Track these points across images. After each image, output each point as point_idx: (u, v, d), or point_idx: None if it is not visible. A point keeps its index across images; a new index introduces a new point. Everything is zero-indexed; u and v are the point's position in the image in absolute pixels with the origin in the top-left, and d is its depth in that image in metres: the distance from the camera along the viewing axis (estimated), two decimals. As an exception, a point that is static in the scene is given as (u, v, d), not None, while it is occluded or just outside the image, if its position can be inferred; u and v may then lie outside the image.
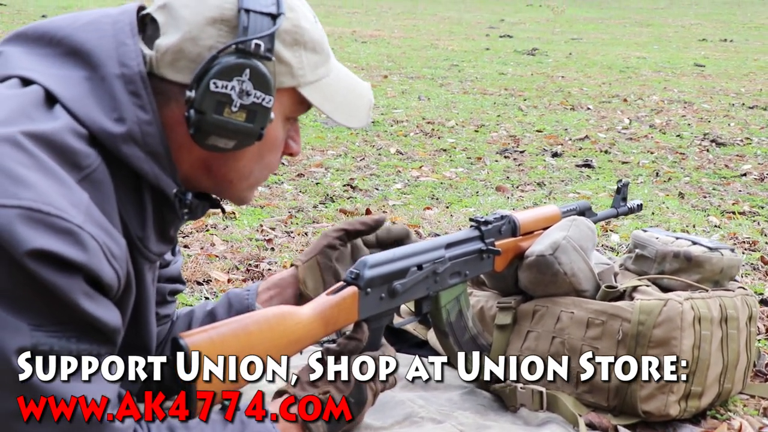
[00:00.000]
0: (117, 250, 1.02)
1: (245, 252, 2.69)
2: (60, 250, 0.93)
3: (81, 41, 1.07)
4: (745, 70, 9.32)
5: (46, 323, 0.96)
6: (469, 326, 1.65)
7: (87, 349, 1.00)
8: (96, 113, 1.04)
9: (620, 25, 16.58)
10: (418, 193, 3.71)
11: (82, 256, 0.95)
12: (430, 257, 1.51)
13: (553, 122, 5.78)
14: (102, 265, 0.99)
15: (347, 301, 1.37)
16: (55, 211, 0.94)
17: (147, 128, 1.06)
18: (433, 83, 7.69)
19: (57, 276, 0.94)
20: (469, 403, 1.60)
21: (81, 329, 0.99)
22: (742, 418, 1.61)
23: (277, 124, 1.15)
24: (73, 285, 0.96)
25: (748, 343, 1.68)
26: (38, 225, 0.93)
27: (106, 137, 1.04)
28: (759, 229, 3.18)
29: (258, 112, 1.09)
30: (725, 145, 5.01)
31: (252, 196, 1.24)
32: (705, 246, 1.70)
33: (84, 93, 1.04)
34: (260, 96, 1.08)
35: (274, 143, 1.17)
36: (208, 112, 1.06)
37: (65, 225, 0.94)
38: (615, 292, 1.63)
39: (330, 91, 1.18)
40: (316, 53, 1.15)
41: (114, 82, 1.05)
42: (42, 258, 0.92)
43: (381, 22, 15.41)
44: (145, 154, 1.07)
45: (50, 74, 1.06)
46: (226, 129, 1.08)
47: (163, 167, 1.09)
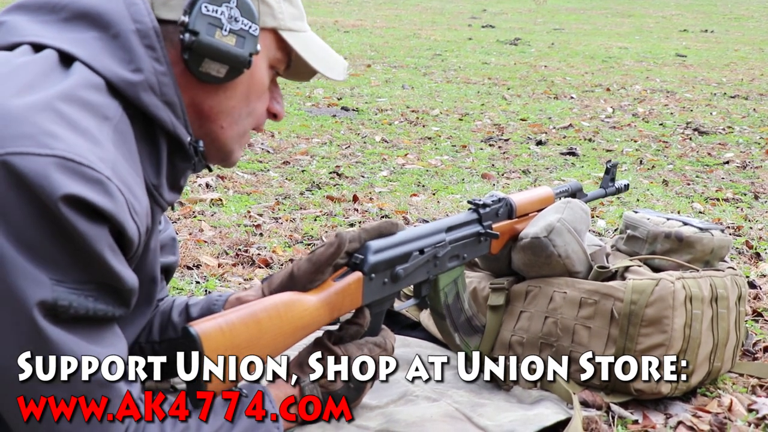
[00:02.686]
0: (139, 207, 1.04)
1: (234, 237, 2.68)
2: (92, 198, 0.95)
3: (87, 5, 1.09)
4: (726, 61, 9.39)
5: (67, 279, 0.97)
6: (465, 308, 1.66)
7: (103, 310, 1.01)
8: (114, 66, 1.07)
9: (602, 15, 16.63)
10: (404, 180, 3.71)
11: (110, 205, 0.98)
12: (432, 241, 1.51)
13: (536, 111, 5.80)
14: (127, 218, 1.01)
15: (352, 287, 1.38)
16: (86, 162, 0.96)
17: (163, 78, 1.10)
18: (416, 72, 7.69)
19: (86, 224, 0.96)
20: (463, 381, 1.61)
21: (100, 288, 1.00)
22: (731, 396, 1.64)
23: (261, 65, 1.20)
24: (100, 235, 0.98)
25: (738, 322, 1.70)
26: (71, 173, 0.95)
27: (126, 86, 1.07)
28: (743, 214, 3.21)
29: (246, 38, 1.14)
30: (708, 134, 5.05)
31: (239, 154, 1.27)
32: (696, 226, 1.72)
33: (98, 50, 1.07)
34: (247, 23, 1.14)
35: (261, 87, 1.22)
36: (202, 33, 1.11)
37: (96, 175, 0.97)
38: (607, 272, 1.65)
39: (309, 44, 1.24)
40: (293, 6, 1.22)
41: (130, 37, 1.08)
42: (75, 204, 0.94)
43: (363, 12, 15.37)
44: (162, 103, 1.11)
45: (61, 38, 1.08)
46: (218, 52, 1.12)
47: (178, 116, 1.14)
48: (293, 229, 2.83)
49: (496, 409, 1.51)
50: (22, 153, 0.93)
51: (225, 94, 1.19)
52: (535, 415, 1.48)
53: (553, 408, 1.51)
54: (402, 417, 1.44)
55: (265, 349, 1.23)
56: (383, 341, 1.43)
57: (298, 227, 2.85)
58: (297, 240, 2.71)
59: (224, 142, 1.23)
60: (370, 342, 1.41)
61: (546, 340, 1.64)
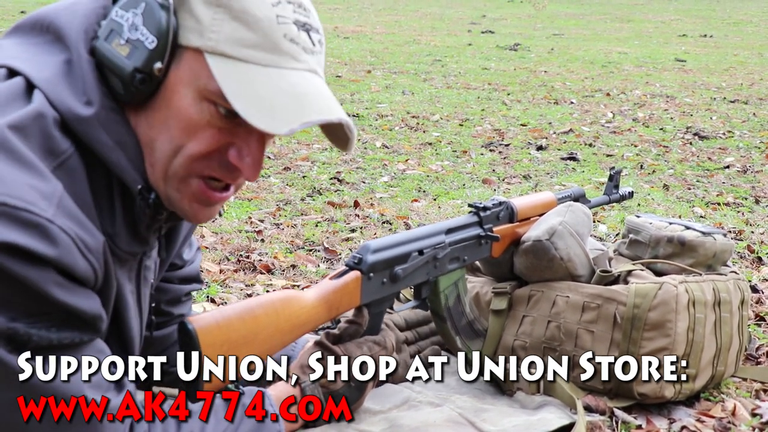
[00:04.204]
0: (92, 241, 0.99)
1: (235, 243, 2.68)
2: (28, 244, 0.91)
3: (59, 25, 1.05)
4: (725, 65, 9.39)
5: (20, 316, 0.94)
6: (467, 311, 1.66)
7: (68, 337, 0.98)
8: (67, 96, 1.01)
9: (601, 20, 16.64)
10: (405, 186, 3.71)
11: (51, 250, 0.94)
12: (431, 242, 1.52)
13: (537, 116, 5.80)
14: (75, 259, 0.96)
15: (350, 286, 1.38)
16: (23, 205, 0.92)
17: (113, 114, 1.03)
18: (416, 78, 7.69)
19: (27, 269, 0.92)
20: (466, 387, 1.61)
21: (59, 318, 0.98)
22: (735, 400, 1.63)
23: (184, 91, 1.02)
24: (44, 277, 0.94)
25: (741, 326, 1.70)
26: (5, 219, 0.91)
27: (76, 121, 1.01)
28: (744, 219, 3.21)
29: (138, 50, 1.00)
30: (708, 138, 5.05)
31: (191, 209, 1.09)
32: (698, 231, 1.72)
33: (58, 76, 1.02)
34: (145, 34, 1.00)
35: (184, 116, 1.02)
36: (100, 38, 1.03)
37: (34, 219, 0.92)
38: (610, 276, 1.64)
39: (249, 78, 1.01)
40: (248, 29, 1.01)
41: (84, 64, 1.03)
42: (10, 251, 0.91)
43: (363, 18, 15.39)
44: (113, 142, 1.03)
45: (33, 60, 1.03)
46: (108, 61, 1.02)
47: (129, 159, 1.05)
48: (294, 234, 2.83)
49: (499, 414, 1.51)
50: None
51: (147, 121, 1.05)
52: (538, 420, 1.48)
53: (556, 413, 1.51)
54: (405, 422, 1.43)
55: (263, 346, 1.23)
56: (383, 340, 1.43)
57: (299, 233, 2.85)
58: (298, 246, 2.71)
59: (155, 184, 1.07)
60: (369, 340, 1.42)
61: (549, 345, 1.64)
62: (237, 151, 1.06)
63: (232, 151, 1.06)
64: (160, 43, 1.00)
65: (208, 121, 1.03)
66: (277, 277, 2.40)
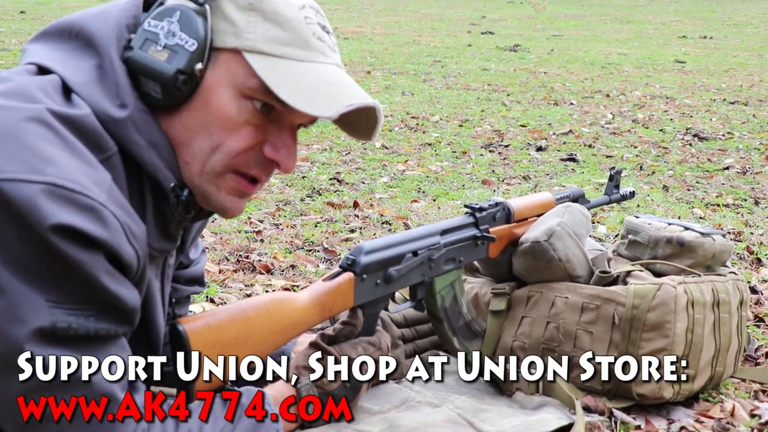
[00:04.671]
0: (137, 229, 1.03)
1: (235, 243, 2.68)
2: (82, 226, 0.94)
3: (91, 31, 1.08)
4: (725, 67, 9.40)
5: (65, 300, 0.96)
6: (464, 312, 1.66)
7: (105, 328, 1.01)
8: (101, 99, 1.04)
9: (601, 22, 16.66)
10: (405, 187, 3.71)
11: (103, 233, 0.96)
12: (426, 243, 1.52)
13: (536, 117, 5.80)
14: (123, 244, 0.99)
15: (343, 287, 1.38)
16: (78, 188, 0.95)
17: (146, 116, 1.07)
18: (416, 79, 7.70)
19: (79, 252, 0.95)
20: (465, 387, 1.61)
21: (100, 307, 1.00)
22: (734, 401, 1.63)
23: (221, 90, 1.07)
24: (95, 261, 0.96)
25: (740, 327, 1.70)
26: (62, 200, 0.93)
27: (111, 123, 1.04)
28: (743, 220, 3.21)
29: (178, 53, 1.05)
30: (707, 140, 5.05)
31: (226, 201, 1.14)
32: (697, 231, 1.72)
33: (92, 80, 1.05)
34: (184, 38, 1.05)
35: (223, 115, 1.08)
36: (135, 48, 1.06)
37: (88, 202, 0.95)
38: (609, 277, 1.64)
39: (289, 71, 1.08)
40: (281, 29, 1.08)
41: (117, 69, 1.06)
42: (65, 233, 0.93)
43: (362, 19, 15.39)
44: (146, 142, 1.07)
45: (66, 63, 1.07)
46: (146, 67, 1.05)
47: (162, 158, 1.08)
48: (294, 235, 2.83)
49: (498, 414, 1.51)
50: (13, 179, 0.92)
51: (182, 123, 1.09)
52: (537, 420, 1.48)
53: (555, 413, 1.51)
54: (404, 422, 1.43)
55: (255, 347, 1.23)
56: (378, 341, 1.44)
57: (298, 233, 2.85)
58: (298, 246, 2.71)
59: (191, 180, 1.11)
60: (364, 341, 1.42)
61: (548, 345, 1.64)
62: (272, 145, 1.12)
63: (267, 147, 1.12)
64: (200, 45, 1.06)
65: (246, 119, 1.09)
66: (277, 277, 2.40)
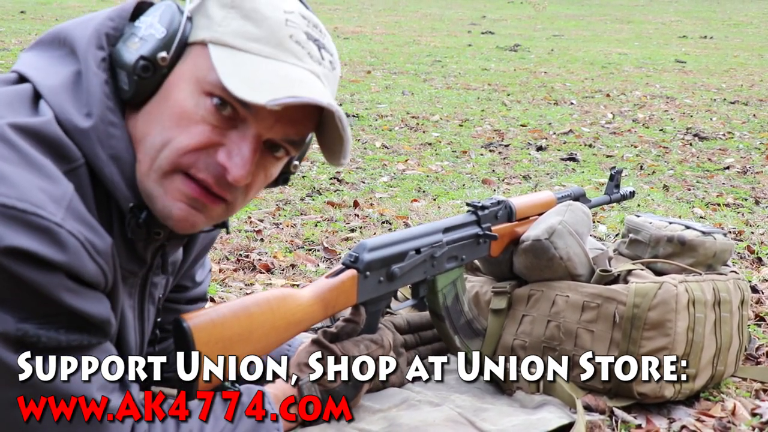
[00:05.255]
0: (101, 244, 0.99)
1: (235, 243, 2.68)
2: (36, 249, 0.91)
3: (73, 38, 1.06)
4: (725, 66, 9.39)
5: (31, 316, 0.94)
6: (465, 310, 1.65)
7: (76, 339, 0.98)
8: (69, 106, 1.01)
9: (601, 22, 16.65)
10: (405, 186, 3.71)
11: (59, 255, 0.93)
12: (428, 241, 1.52)
13: (536, 117, 5.80)
14: (83, 263, 0.96)
15: (346, 284, 1.38)
16: (31, 209, 0.91)
17: (111, 128, 1.02)
18: (416, 78, 7.69)
19: (35, 273, 0.92)
20: (466, 386, 1.61)
21: (68, 321, 0.97)
22: (735, 400, 1.63)
23: (183, 84, 1.03)
24: (54, 281, 0.94)
25: (741, 326, 1.70)
26: (14, 223, 0.90)
27: (75, 132, 1.00)
28: (744, 219, 3.21)
29: (147, 41, 1.03)
30: (708, 139, 5.05)
31: (174, 209, 1.04)
32: (698, 230, 1.72)
33: (64, 86, 1.02)
34: (157, 28, 1.03)
35: (179, 109, 1.02)
36: (121, 41, 1.05)
37: (41, 223, 0.92)
38: (610, 275, 1.64)
39: (247, 63, 1.02)
40: (255, 26, 1.03)
41: (91, 77, 1.03)
42: (19, 256, 0.90)
43: (363, 19, 15.39)
44: (107, 156, 1.02)
45: (44, 69, 1.04)
46: (121, 57, 1.03)
47: (123, 175, 1.03)
48: (294, 234, 2.83)
49: (498, 413, 1.51)
50: None
51: (143, 118, 1.04)
52: (538, 419, 1.48)
53: (556, 412, 1.51)
54: (404, 421, 1.43)
55: (258, 344, 1.23)
56: (380, 338, 1.44)
57: (298, 233, 2.85)
58: (298, 245, 2.71)
59: (141, 182, 1.04)
60: (366, 339, 1.42)
61: (549, 344, 1.63)
62: (227, 151, 1.03)
63: (221, 151, 1.03)
64: (168, 34, 1.02)
65: (202, 116, 1.02)
66: (277, 276, 2.40)
